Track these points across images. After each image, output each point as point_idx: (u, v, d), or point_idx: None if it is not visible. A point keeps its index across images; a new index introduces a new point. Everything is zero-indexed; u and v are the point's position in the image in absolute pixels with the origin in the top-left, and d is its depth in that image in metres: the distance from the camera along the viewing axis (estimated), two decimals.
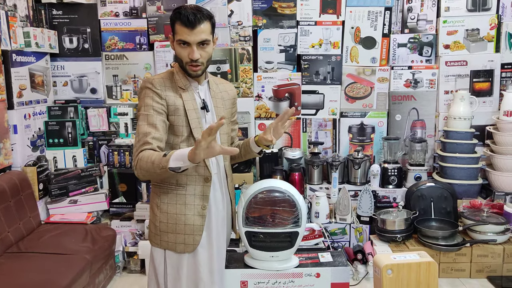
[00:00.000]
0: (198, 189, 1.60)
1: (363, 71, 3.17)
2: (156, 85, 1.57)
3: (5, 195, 2.44)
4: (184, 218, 1.59)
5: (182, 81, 1.61)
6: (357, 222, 2.93)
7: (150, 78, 1.60)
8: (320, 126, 3.22)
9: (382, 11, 3.10)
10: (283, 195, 1.44)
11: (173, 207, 1.60)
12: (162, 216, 1.61)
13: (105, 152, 3.16)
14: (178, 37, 1.54)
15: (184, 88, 1.61)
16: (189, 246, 1.59)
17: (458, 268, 2.68)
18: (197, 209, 1.60)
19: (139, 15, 3.17)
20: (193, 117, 1.59)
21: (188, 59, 1.54)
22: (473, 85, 3.11)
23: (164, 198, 1.61)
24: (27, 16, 2.88)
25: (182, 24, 1.51)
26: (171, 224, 1.60)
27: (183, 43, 1.54)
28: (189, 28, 1.51)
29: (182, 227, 1.59)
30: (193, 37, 1.51)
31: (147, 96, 1.56)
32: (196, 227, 1.60)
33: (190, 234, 1.59)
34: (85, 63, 3.18)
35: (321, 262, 1.53)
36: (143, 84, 1.59)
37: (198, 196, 1.60)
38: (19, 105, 2.73)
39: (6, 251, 2.35)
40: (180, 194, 1.60)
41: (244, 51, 3.13)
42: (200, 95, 1.65)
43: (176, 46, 1.57)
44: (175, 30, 1.55)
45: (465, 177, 2.94)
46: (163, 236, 1.61)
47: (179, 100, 1.58)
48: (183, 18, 1.51)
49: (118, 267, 2.90)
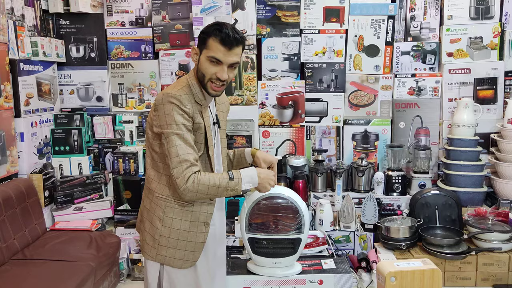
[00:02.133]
0: (204, 207, 1.60)
1: (366, 79, 3.18)
2: (185, 103, 1.50)
3: (11, 202, 2.46)
4: (187, 234, 1.58)
5: (199, 96, 1.56)
6: (361, 230, 2.91)
7: (175, 93, 1.50)
8: (324, 134, 3.23)
9: (385, 19, 3.12)
10: (286, 201, 1.45)
11: (178, 223, 1.58)
12: (164, 230, 1.58)
13: (110, 159, 3.18)
14: (212, 53, 1.48)
15: (201, 104, 1.57)
16: (187, 262, 1.58)
17: (464, 276, 2.66)
18: (201, 227, 1.59)
19: (145, 25, 3.22)
20: (209, 134, 1.58)
21: (215, 77, 1.50)
22: (477, 93, 3.11)
23: (169, 212, 1.58)
24: (35, 26, 2.93)
25: (220, 42, 1.47)
26: (173, 239, 1.58)
27: (215, 60, 1.49)
28: (226, 48, 1.47)
29: (184, 243, 1.58)
30: (228, 58, 1.48)
31: (177, 113, 1.48)
32: (198, 244, 1.59)
33: (191, 251, 1.58)
34: (91, 72, 3.22)
35: (324, 269, 1.53)
36: (168, 99, 1.49)
37: (204, 213, 1.60)
38: (26, 113, 2.77)
39: (11, 258, 2.37)
40: (187, 210, 1.58)
41: (248, 59, 3.16)
42: (211, 110, 1.64)
43: (204, 61, 1.51)
44: (208, 45, 1.49)
45: (469, 185, 2.92)
46: (161, 250, 1.58)
47: (200, 118, 1.55)
48: (224, 36, 1.46)
49: (122, 274, 2.90)
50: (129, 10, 3.20)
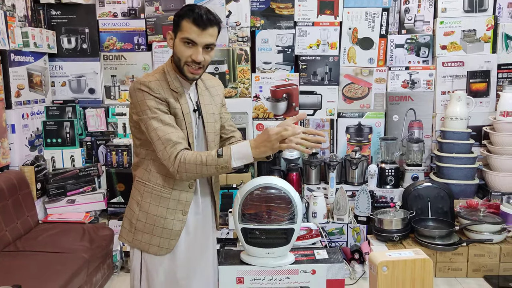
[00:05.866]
0: (183, 194, 1.56)
1: (360, 71, 3.18)
2: (154, 89, 1.47)
3: (2, 194, 2.44)
4: (164, 221, 1.55)
5: (175, 83, 1.52)
6: (355, 222, 2.93)
7: (144, 80, 1.48)
8: (318, 127, 3.23)
9: (379, 12, 3.11)
10: (279, 192, 1.44)
11: (155, 209, 1.56)
12: (141, 215, 1.57)
13: (103, 152, 3.16)
14: (185, 34, 1.44)
15: (177, 91, 1.52)
16: (162, 249, 1.56)
17: (455, 267, 2.68)
18: (178, 215, 1.56)
19: (138, 16, 3.19)
20: (188, 121, 1.54)
21: (190, 59, 1.46)
22: (469, 86, 3.13)
23: (147, 197, 1.57)
24: (26, 16, 2.89)
25: (193, 23, 1.42)
26: (148, 224, 1.56)
27: (188, 42, 1.44)
28: (200, 28, 1.43)
29: (160, 230, 1.55)
30: (202, 39, 1.44)
31: (148, 99, 1.46)
32: (174, 232, 1.56)
33: (166, 238, 1.56)
34: (84, 63, 3.19)
35: (316, 259, 1.54)
36: (137, 86, 1.48)
37: (182, 202, 1.56)
38: (17, 104, 2.74)
39: (3, 250, 2.35)
40: (164, 197, 1.55)
41: (242, 51, 3.15)
42: (191, 97, 1.58)
43: (179, 44, 1.46)
44: (182, 27, 1.45)
45: (462, 177, 2.95)
46: (138, 235, 1.57)
47: (177, 104, 1.51)
48: (196, 16, 1.42)
49: (115, 266, 2.90)
50: (121, 1, 3.17)
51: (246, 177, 3.04)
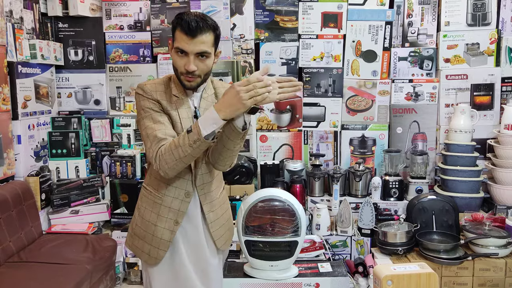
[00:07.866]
0: (176, 203, 1.50)
1: (364, 84, 3.19)
2: (147, 91, 1.48)
3: (7, 205, 2.45)
4: (154, 228, 1.50)
5: (177, 90, 1.52)
6: (358, 235, 2.91)
7: (142, 84, 1.51)
8: (322, 139, 3.24)
9: (382, 25, 3.14)
10: (283, 204, 1.45)
11: (148, 214, 1.52)
12: (139, 220, 1.55)
13: (107, 162, 3.17)
14: (176, 44, 1.42)
15: (178, 96, 1.51)
16: (151, 258, 1.51)
17: (461, 282, 2.65)
18: (169, 223, 1.50)
19: (143, 28, 3.23)
20: (185, 126, 1.49)
21: (184, 69, 1.43)
22: (473, 99, 3.13)
23: (144, 202, 1.55)
24: (34, 29, 2.94)
25: (182, 31, 1.39)
26: (142, 230, 1.53)
27: (180, 51, 1.42)
28: (189, 37, 1.38)
29: (150, 237, 1.51)
30: (191, 47, 1.39)
31: (142, 100, 1.48)
32: (163, 241, 1.50)
33: (155, 247, 1.50)
34: (90, 75, 3.22)
35: (320, 272, 1.53)
36: (135, 90, 1.52)
37: (174, 210, 1.50)
38: (23, 115, 2.77)
39: (7, 260, 2.35)
40: (156, 202, 1.51)
41: (246, 63, 3.17)
42: (194, 102, 1.55)
43: (173, 54, 1.45)
44: (175, 36, 1.44)
45: (466, 190, 2.93)
46: (135, 240, 1.55)
47: (172, 106, 1.49)
48: (184, 24, 1.38)
49: (118, 278, 2.89)
50: (127, 14, 3.22)
51: (250, 188, 3.04)
